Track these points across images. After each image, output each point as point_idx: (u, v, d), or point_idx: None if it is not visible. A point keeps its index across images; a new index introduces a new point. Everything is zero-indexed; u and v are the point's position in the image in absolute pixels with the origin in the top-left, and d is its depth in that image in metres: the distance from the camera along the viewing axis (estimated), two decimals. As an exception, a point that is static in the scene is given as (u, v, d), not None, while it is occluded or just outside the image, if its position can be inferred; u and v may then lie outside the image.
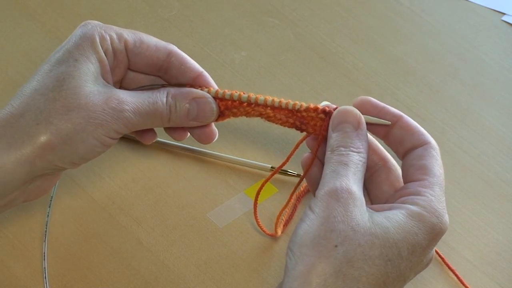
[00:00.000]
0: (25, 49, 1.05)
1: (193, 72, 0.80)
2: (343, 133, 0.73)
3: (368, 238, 0.67)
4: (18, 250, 0.86)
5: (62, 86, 0.74)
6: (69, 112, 0.73)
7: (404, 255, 0.68)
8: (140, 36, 0.80)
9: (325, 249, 0.66)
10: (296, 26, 1.11)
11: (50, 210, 0.88)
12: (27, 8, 1.10)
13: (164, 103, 0.77)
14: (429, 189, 0.71)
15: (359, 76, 1.06)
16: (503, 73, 1.07)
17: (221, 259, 0.87)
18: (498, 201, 0.94)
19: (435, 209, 0.70)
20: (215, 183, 0.93)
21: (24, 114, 0.73)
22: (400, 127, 0.74)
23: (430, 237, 0.69)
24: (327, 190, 0.68)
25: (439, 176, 0.72)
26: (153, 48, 0.79)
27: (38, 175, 0.75)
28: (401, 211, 0.69)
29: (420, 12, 1.14)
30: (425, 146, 0.73)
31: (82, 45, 0.76)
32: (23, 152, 0.73)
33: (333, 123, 0.74)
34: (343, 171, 0.70)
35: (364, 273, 0.66)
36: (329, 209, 0.67)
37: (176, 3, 1.12)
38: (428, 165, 0.72)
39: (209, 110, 0.79)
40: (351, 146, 0.72)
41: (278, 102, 0.77)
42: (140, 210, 0.90)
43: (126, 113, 0.75)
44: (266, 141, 0.97)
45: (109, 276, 0.85)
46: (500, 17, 1.14)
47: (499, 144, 0.99)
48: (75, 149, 0.74)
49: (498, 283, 0.87)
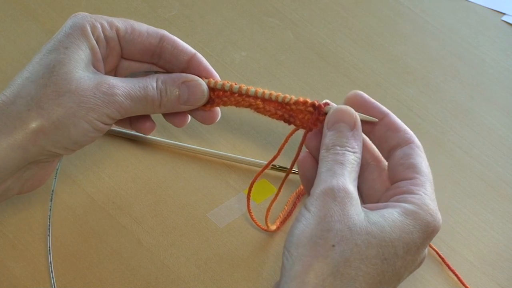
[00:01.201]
0: (25, 49, 1.05)
1: (186, 55, 0.80)
2: (339, 132, 0.73)
3: (364, 237, 0.67)
4: (18, 250, 0.86)
5: (53, 72, 0.75)
6: (60, 97, 0.74)
7: (400, 254, 0.68)
8: (131, 23, 0.80)
9: (322, 249, 0.66)
10: (296, 26, 1.11)
11: (52, 204, 0.88)
12: (27, 8, 1.10)
13: (154, 88, 0.78)
14: (421, 187, 0.71)
15: (359, 76, 1.06)
16: (503, 73, 1.07)
17: (221, 259, 0.87)
18: (498, 201, 0.94)
19: (429, 207, 0.70)
20: (215, 183, 0.93)
21: (15, 101, 0.74)
22: (386, 124, 0.75)
23: (424, 235, 0.69)
24: (323, 189, 0.68)
25: (428, 173, 0.73)
26: (144, 34, 0.80)
27: (31, 162, 0.75)
28: (396, 210, 0.69)
29: (420, 12, 1.14)
30: (410, 145, 0.74)
31: (72, 34, 0.77)
32: (15, 137, 0.73)
33: (329, 121, 0.74)
34: (339, 170, 0.70)
35: (361, 273, 0.66)
36: (325, 208, 0.67)
37: (176, 3, 1.12)
38: (417, 163, 0.73)
39: (200, 92, 0.79)
40: (347, 145, 0.72)
41: (269, 94, 0.78)
42: (140, 210, 0.90)
43: (117, 97, 0.76)
44: (266, 141, 0.97)
45: (109, 276, 0.85)
46: (500, 17, 1.14)
47: (499, 144, 0.99)
48: (67, 133, 0.74)
49: (498, 283, 0.87)
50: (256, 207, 0.91)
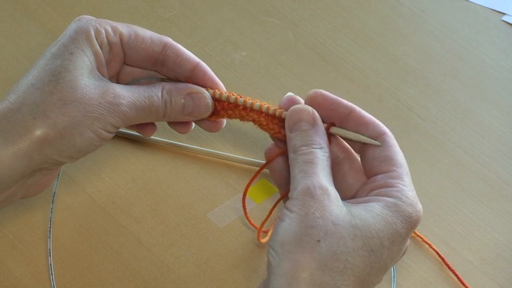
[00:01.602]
0: (25, 49, 1.05)
1: (189, 63, 0.80)
2: (301, 132, 0.73)
3: (349, 230, 0.67)
4: (19, 250, 0.86)
5: (58, 79, 0.74)
6: (66, 106, 0.73)
7: (385, 245, 0.69)
8: (135, 29, 0.80)
9: (308, 245, 0.66)
10: (296, 26, 1.11)
11: (53, 206, 0.88)
12: (27, 8, 1.10)
13: (159, 98, 0.78)
14: (399, 180, 0.72)
15: (359, 76, 1.06)
16: (503, 73, 1.07)
17: (221, 259, 0.87)
18: (498, 201, 0.94)
19: (410, 199, 0.71)
20: (215, 183, 0.93)
21: (20, 108, 0.73)
22: (354, 119, 0.75)
23: (408, 226, 0.70)
24: (300, 190, 0.69)
25: (404, 164, 0.73)
26: (148, 41, 0.79)
27: (36, 169, 0.75)
28: (378, 204, 0.70)
29: (420, 12, 1.14)
30: (383, 137, 0.74)
31: (77, 38, 0.77)
32: (20, 146, 0.73)
33: (289, 123, 0.74)
34: (311, 170, 0.70)
35: (349, 265, 0.67)
36: (306, 207, 0.68)
37: (176, 3, 1.12)
38: (392, 155, 0.73)
39: (205, 105, 0.79)
40: (312, 143, 0.72)
41: (273, 110, 0.77)
42: (140, 210, 0.90)
43: (123, 107, 0.75)
44: (266, 141, 0.97)
45: (109, 276, 0.85)
46: (500, 17, 1.14)
47: (499, 144, 0.99)
48: (72, 142, 0.74)
49: (498, 283, 0.87)
50: (256, 207, 0.91)
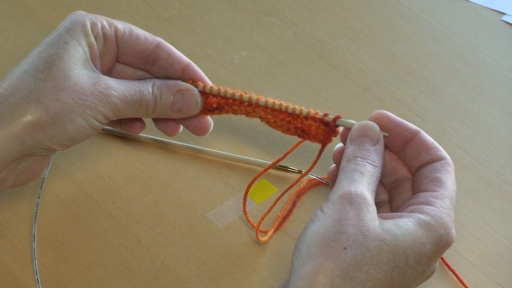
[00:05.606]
0: (25, 49, 1.05)
1: (180, 63, 0.82)
2: (361, 146, 0.73)
3: (377, 243, 0.67)
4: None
5: (52, 67, 0.75)
6: (59, 92, 0.75)
7: (410, 263, 0.68)
8: (130, 26, 0.82)
9: (334, 251, 0.66)
10: (296, 26, 1.11)
11: (41, 191, 0.88)
12: (27, 8, 1.10)
13: (150, 93, 0.79)
14: (439, 200, 0.71)
15: (359, 76, 1.05)
16: (503, 73, 1.07)
17: (221, 259, 0.87)
18: (498, 201, 0.94)
19: (444, 221, 0.70)
20: (215, 183, 0.93)
21: (14, 93, 0.74)
22: (417, 142, 0.75)
23: (436, 248, 0.69)
24: (341, 194, 0.69)
25: (451, 190, 0.72)
26: (142, 38, 0.81)
27: (27, 154, 0.76)
28: (411, 220, 0.69)
29: (420, 12, 1.14)
30: (441, 162, 0.73)
31: (72, 29, 0.78)
32: (12, 129, 0.74)
33: (352, 135, 0.74)
34: (358, 178, 0.70)
35: (370, 278, 0.66)
36: (341, 211, 0.68)
37: (176, 3, 1.12)
38: (442, 178, 0.72)
39: (194, 102, 0.81)
40: (369, 158, 0.72)
41: (279, 105, 0.77)
42: (140, 210, 0.90)
43: (114, 98, 0.77)
44: (267, 141, 0.97)
45: (109, 276, 0.85)
46: (500, 17, 1.14)
47: (499, 144, 0.99)
48: (64, 128, 0.75)
49: (498, 283, 0.87)
50: (256, 207, 0.91)
